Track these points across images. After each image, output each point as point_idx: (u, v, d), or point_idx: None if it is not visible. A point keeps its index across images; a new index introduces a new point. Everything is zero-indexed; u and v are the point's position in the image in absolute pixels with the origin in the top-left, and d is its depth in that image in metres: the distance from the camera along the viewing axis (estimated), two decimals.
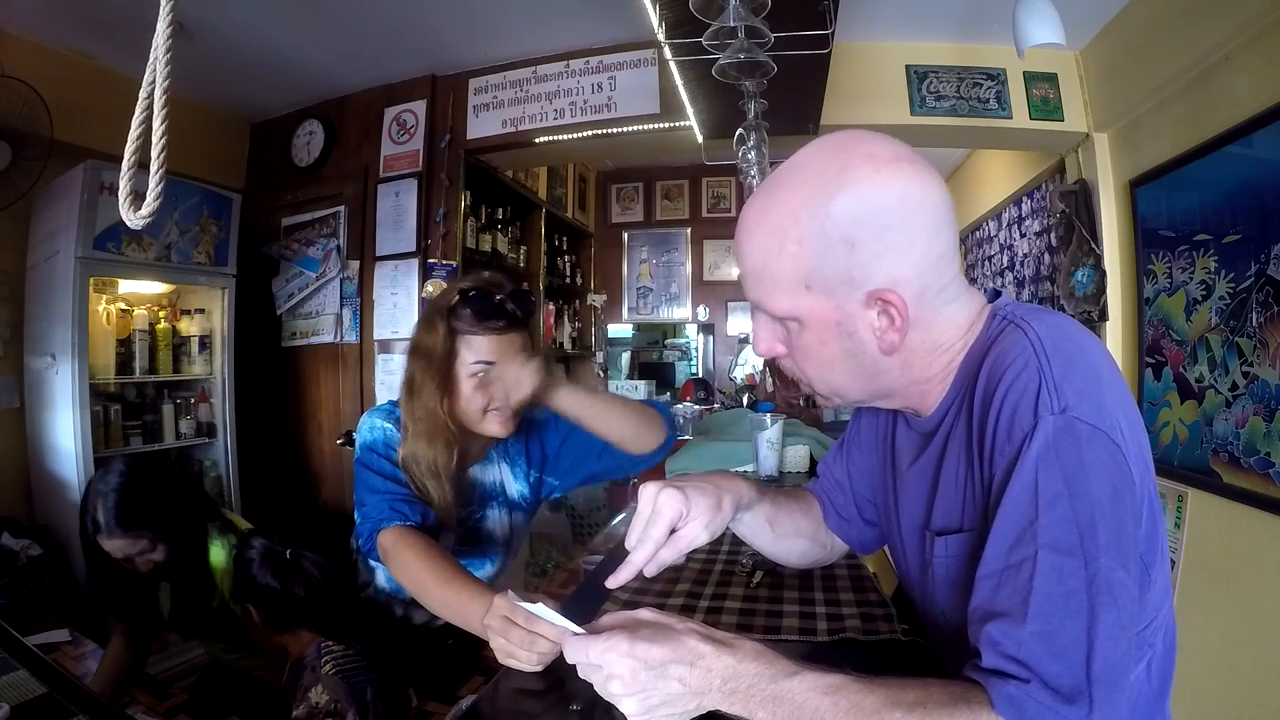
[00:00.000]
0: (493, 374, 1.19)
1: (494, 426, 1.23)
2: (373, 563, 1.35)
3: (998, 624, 0.56)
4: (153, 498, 1.54)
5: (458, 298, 1.20)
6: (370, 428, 1.28)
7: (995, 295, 0.75)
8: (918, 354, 0.71)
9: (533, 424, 1.39)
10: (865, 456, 0.93)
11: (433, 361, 1.20)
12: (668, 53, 1.72)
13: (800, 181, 0.67)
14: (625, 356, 5.42)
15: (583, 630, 0.84)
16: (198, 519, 1.63)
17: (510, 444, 1.37)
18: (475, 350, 1.20)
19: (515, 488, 1.39)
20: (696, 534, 0.76)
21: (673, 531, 0.76)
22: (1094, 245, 2.50)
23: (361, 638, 1.46)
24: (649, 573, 0.76)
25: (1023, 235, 3.35)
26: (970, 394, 0.68)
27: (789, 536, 0.95)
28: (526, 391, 1.18)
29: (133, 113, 0.58)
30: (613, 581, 0.76)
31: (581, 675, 0.64)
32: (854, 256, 0.65)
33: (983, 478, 0.65)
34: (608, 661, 0.60)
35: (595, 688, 0.63)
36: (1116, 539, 0.56)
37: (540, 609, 0.76)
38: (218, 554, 1.64)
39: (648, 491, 0.76)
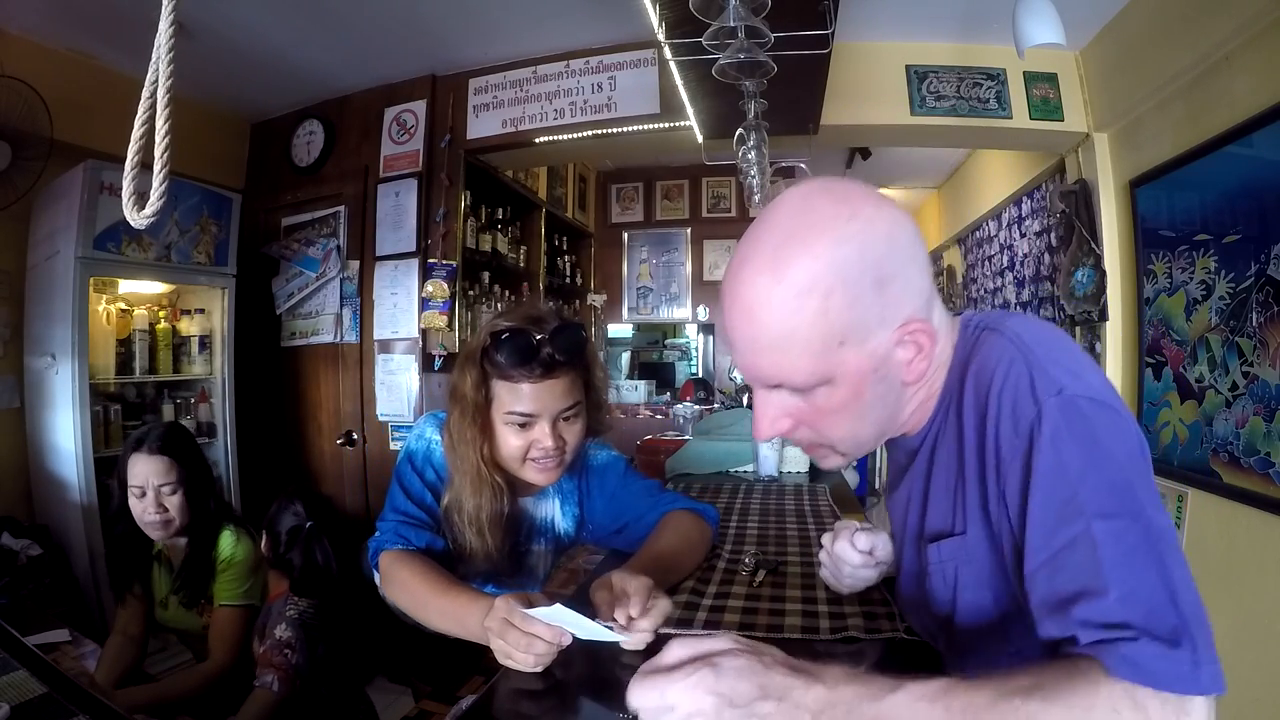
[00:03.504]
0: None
1: (535, 475, 1.16)
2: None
3: (1080, 605, 0.54)
4: (193, 445, 1.79)
5: (490, 339, 1.09)
6: (418, 435, 1.23)
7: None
8: (927, 375, 0.71)
9: (589, 470, 1.33)
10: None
11: (467, 409, 1.12)
12: (668, 53, 1.72)
13: (809, 235, 0.62)
14: (625, 356, 5.42)
15: (615, 628, 0.83)
16: (215, 495, 1.81)
17: (564, 480, 1.29)
18: (512, 397, 1.10)
19: (563, 525, 1.33)
20: None
21: None
22: (1094, 245, 2.50)
23: (336, 626, 1.59)
24: None
25: (1023, 235, 3.36)
26: (957, 403, 0.69)
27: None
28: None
29: (133, 113, 0.58)
30: None
31: None
32: (885, 295, 0.63)
33: (984, 479, 0.65)
34: (692, 699, 0.55)
35: None
36: (1149, 491, 0.58)
37: (557, 611, 0.75)
38: (226, 544, 1.74)
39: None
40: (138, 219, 0.56)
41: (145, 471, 1.64)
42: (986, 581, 0.68)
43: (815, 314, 0.62)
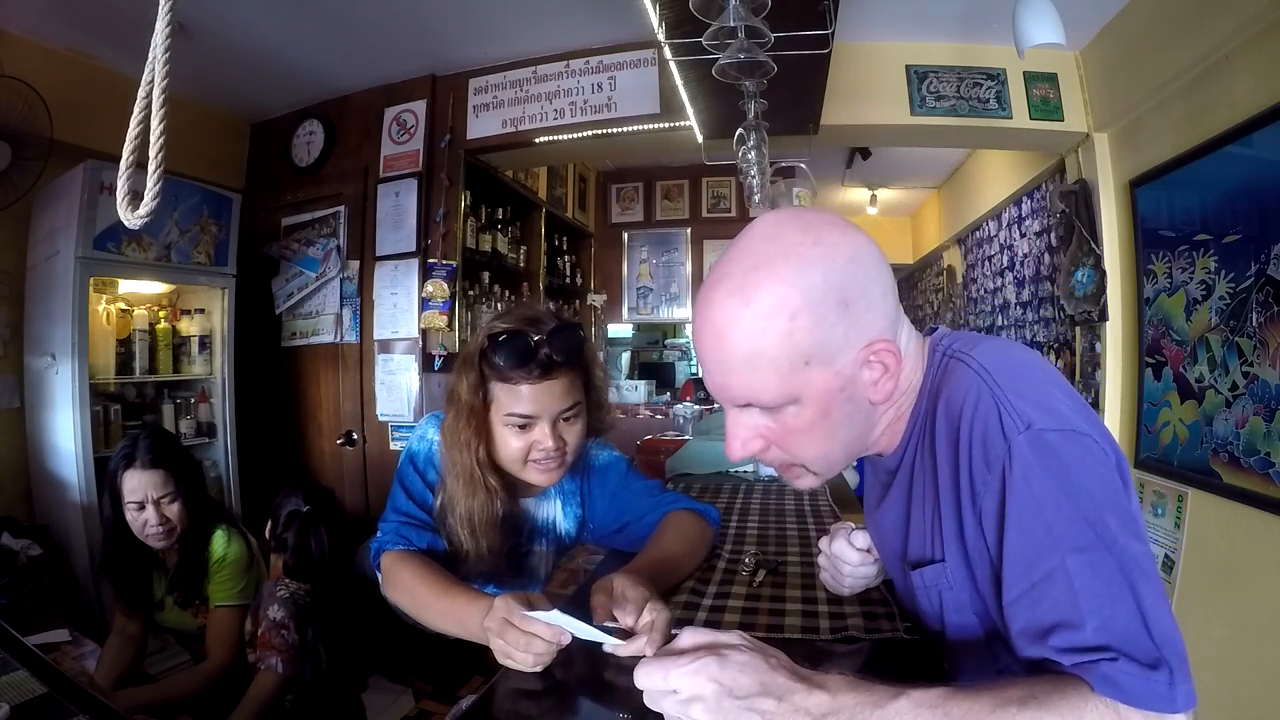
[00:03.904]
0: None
1: (536, 476, 1.16)
2: None
3: (1058, 635, 0.57)
4: (182, 450, 1.77)
5: (487, 342, 1.09)
6: (420, 436, 1.23)
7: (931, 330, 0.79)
8: (895, 395, 0.72)
9: (591, 470, 1.32)
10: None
11: (463, 412, 1.12)
12: (668, 53, 1.72)
13: (776, 261, 0.65)
14: (625, 356, 5.42)
15: (613, 633, 0.83)
16: (208, 497, 1.81)
17: (566, 481, 1.29)
18: (511, 399, 1.10)
19: (564, 525, 1.33)
20: None
21: None
22: (1094, 245, 2.50)
23: (326, 613, 1.63)
24: None
25: (1023, 235, 3.35)
26: (930, 432, 0.71)
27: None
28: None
29: (132, 112, 0.58)
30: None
31: (649, 704, 0.59)
32: (850, 316, 0.66)
33: (959, 510, 0.67)
34: (694, 684, 0.56)
35: (667, 716, 0.58)
36: (1121, 517, 0.59)
37: (555, 615, 0.75)
38: (219, 544, 1.74)
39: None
40: (132, 219, 0.56)
41: (143, 486, 1.63)
42: (968, 605, 0.70)
43: (781, 335, 0.64)
